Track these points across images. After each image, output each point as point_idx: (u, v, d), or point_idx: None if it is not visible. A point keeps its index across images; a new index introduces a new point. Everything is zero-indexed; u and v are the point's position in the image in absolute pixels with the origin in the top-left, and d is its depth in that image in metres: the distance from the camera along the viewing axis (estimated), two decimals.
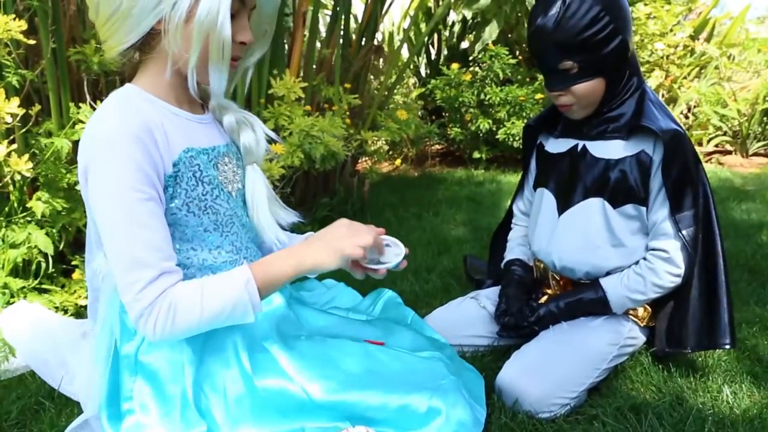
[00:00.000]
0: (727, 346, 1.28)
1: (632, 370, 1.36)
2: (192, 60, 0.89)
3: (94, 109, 1.69)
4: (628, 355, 1.38)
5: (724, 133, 4.54)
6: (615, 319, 1.37)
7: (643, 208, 1.32)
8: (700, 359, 1.41)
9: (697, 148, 4.44)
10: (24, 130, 1.58)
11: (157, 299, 0.85)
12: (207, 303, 0.87)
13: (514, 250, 1.58)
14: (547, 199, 1.46)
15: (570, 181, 1.40)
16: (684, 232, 1.27)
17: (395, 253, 0.98)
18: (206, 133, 1.00)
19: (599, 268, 1.37)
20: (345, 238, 0.92)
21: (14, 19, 1.44)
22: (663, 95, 4.33)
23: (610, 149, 1.34)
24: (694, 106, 4.37)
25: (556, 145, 1.46)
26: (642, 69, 4.27)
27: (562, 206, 1.41)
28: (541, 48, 1.29)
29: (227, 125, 1.05)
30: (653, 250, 1.32)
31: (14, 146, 1.46)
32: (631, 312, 1.38)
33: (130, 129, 0.85)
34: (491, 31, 4.09)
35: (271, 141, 1.11)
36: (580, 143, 1.38)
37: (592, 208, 1.36)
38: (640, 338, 1.39)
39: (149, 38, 0.90)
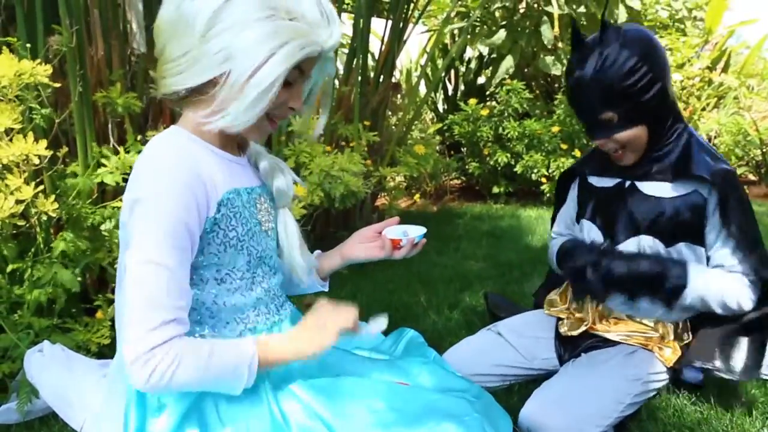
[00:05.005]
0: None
1: (664, 412, 1.32)
2: (240, 115, 0.91)
3: (117, 151, 1.73)
4: (653, 392, 1.35)
5: (747, 164, 4.49)
6: (638, 355, 1.34)
7: (698, 248, 1.30)
8: (734, 397, 1.36)
9: None
10: (51, 171, 1.61)
11: (164, 345, 0.84)
12: (212, 366, 0.87)
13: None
14: (594, 232, 1.43)
15: (619, 216, 1.37)
16: (756, 270, 1.26)
17: (417, 228, 1.17)
18: (245, 173, 1.04)
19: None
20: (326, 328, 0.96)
21: (41, 63, 1.48)
22: None
23: (660, 189, 1.33)
24: (715, 137, 4.33)
25: (601, 181, 1.45)
26: None
27: (611, 241, 1.39)
28: (580, 100, 1.30)
29: (263, 169, 1.09)
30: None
31: (42, 187, 1.48)
32: (658, 352, 1.35)
33: (182, 174, 0.88)
34: (506, 65, 4.13)
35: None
36: (628, 181, 1.38)
37: (644, 245, 1.34)
38: (664, 375, 1.35)
39: (204, 84, 0.92)
